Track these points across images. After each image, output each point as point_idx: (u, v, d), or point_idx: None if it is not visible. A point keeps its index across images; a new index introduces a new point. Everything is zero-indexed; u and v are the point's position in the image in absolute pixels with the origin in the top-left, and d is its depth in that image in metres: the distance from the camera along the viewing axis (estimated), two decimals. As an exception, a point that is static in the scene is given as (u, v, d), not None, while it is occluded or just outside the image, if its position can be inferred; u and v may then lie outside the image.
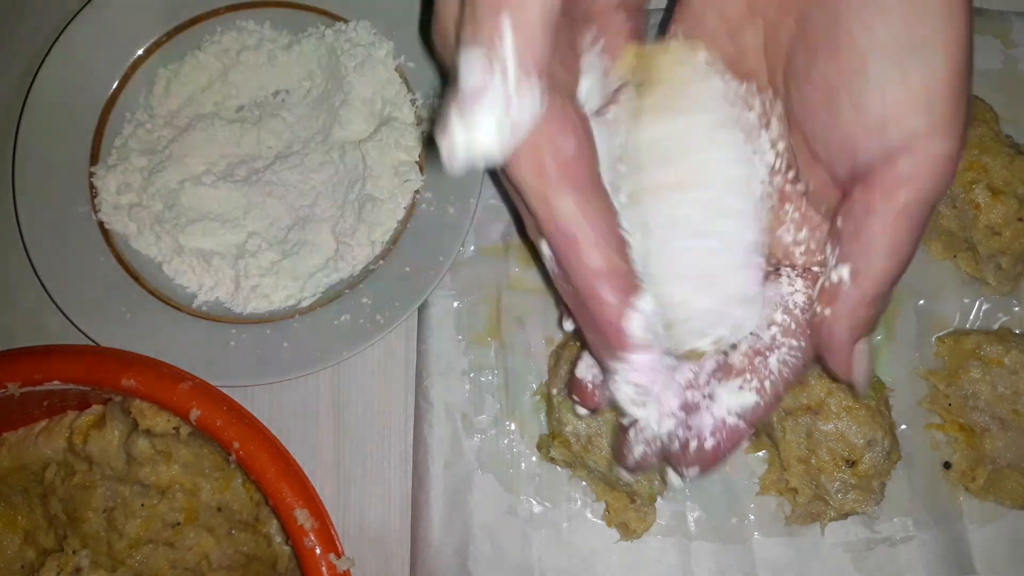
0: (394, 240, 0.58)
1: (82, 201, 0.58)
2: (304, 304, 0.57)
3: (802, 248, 0.42)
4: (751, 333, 0.41)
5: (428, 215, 0.57)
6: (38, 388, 0.50)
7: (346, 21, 0.60)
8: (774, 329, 0.41)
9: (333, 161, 0.59)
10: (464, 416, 0.56)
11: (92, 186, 0.59)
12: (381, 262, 0.57)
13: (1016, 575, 0.54)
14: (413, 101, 0.60)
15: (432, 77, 0.59)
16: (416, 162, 0.59)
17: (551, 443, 0.53)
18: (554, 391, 0.53)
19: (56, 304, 0.56)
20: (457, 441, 0.55)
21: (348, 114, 0.59)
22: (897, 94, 0.35)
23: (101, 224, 0.58)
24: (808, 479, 0.52)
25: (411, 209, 0.58)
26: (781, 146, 0.41)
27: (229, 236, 0.58)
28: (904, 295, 0.57)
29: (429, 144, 0.59)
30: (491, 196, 0.59)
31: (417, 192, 0.58)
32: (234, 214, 0.58)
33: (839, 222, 0.38)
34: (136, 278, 0.57)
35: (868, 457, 0.50)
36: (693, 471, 0.41)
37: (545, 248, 0.37)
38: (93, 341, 0.55)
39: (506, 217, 0.59)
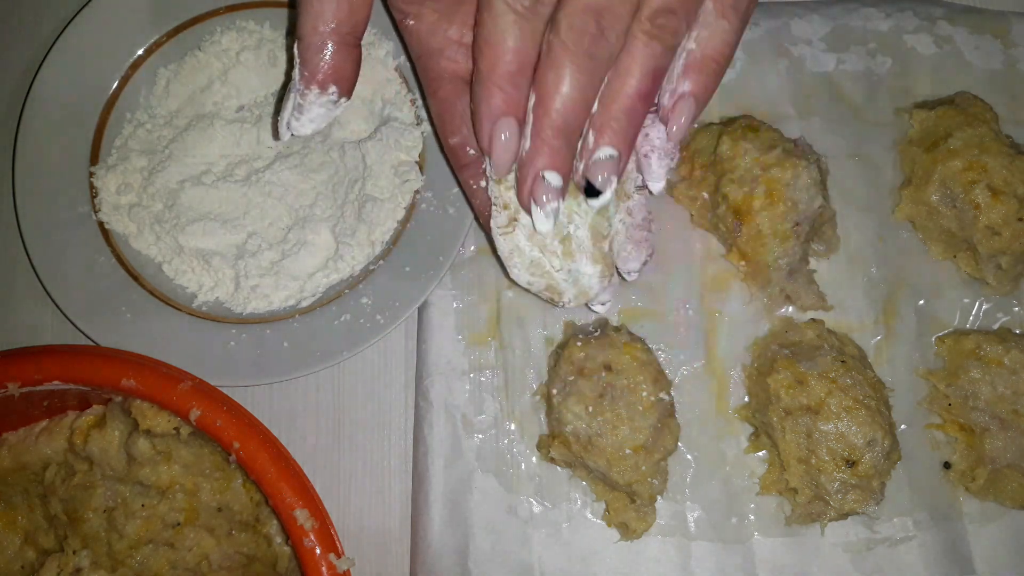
0: (394, 240, 0.58)
1: (82, 201, 0.58)
2: (304, 304, 0.57)
3: None
4: None
5: (428, 215, 0.57)
6: (38, 388, 0.50)
7: None
8: None
9: (333, 161, 0.59)
10: (464, 416, 0.56)
11: (92, 186, 0.59)
12: (381, 262, 0.57)
13: (1016, 575, 0.54)
14: (413, 101, 0.60)
15: None
16: (416, 162, 0.59)
17: (551, 443, 0.53)
18: (554, 391, 0.53)
19: (56, 304, 0.56)
20: (457, 441, 0.55)
21: (348, 114, 0.59)
22: None
23: (101, 224, 0.58)
24: (808, 479, 0.52)
25: (411, 209, 0.58)
26: None
27: (229, 236, 0.58)
28: (904, 295, 0.58)
29: (430, 144, 0.59)
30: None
31: (417, 192, 0.58)
32: (234, 214, 0.58)
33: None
34: (136, 278, 0.57)
35: (868, 457, 0.50)
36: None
37: None
38: (93, 341, 0.55)
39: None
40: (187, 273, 0.58)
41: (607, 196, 0.44)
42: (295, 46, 0.44)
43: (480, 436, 0.56)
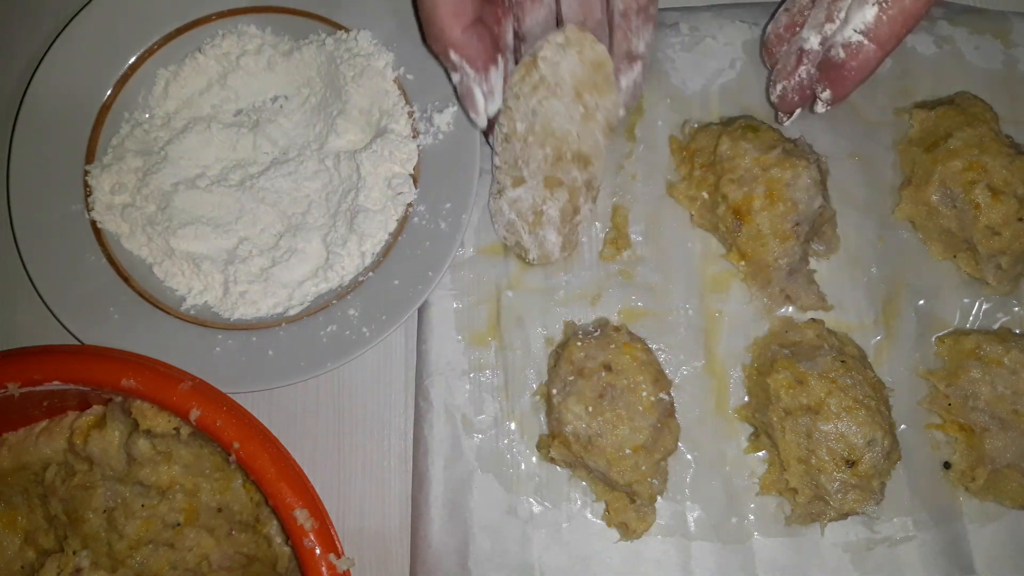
0: (385, 252, 0.57)
1: (76, 199, 0.58)
2: (291, 312, 0.57)
3: None
4: None
5: (420, 228, 0.57)
6: (38, 388, 0.50)
7: (347, 30, 0.60)
8: None
9: (327, 170, 0.59)
10: (464, 416, 0.56)
11: (86, 184, 0.59)
12: (370, 274, 0.57)
13: (1016, 575, 0.53)
14: (410, 113, 0.59)
15: (432, 89, 0.59)
16: (410, 175, 0.58)
17: (551, 443, 0.53)
18: (554, 391, 0.53)
19: (43, 300, 0.56)
20: (457, 441, 0.55)
21: (345, 123, 0.59)
22: None
23: (93, 223, 0.58)
24: (808, 479, 0.52)
25: (403, 222, 0.58)
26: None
27: (220, 241, 0.58)
28: (904, 295, 0.58)
29: (425, 157, 0.59)
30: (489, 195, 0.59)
31: (410, 205, 0.58)
32: (226, 219, 0.58)
33: None
34: (126, 279, 0.57)
35: (868, 457, 0.50)
36: (827, 94, 0.50)
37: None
38: (77, 339, 0.55)
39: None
40: (177, 276, 0.58)
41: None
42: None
43: (480, 436, 0.56)
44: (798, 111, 0.54)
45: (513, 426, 0.56)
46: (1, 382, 0.49)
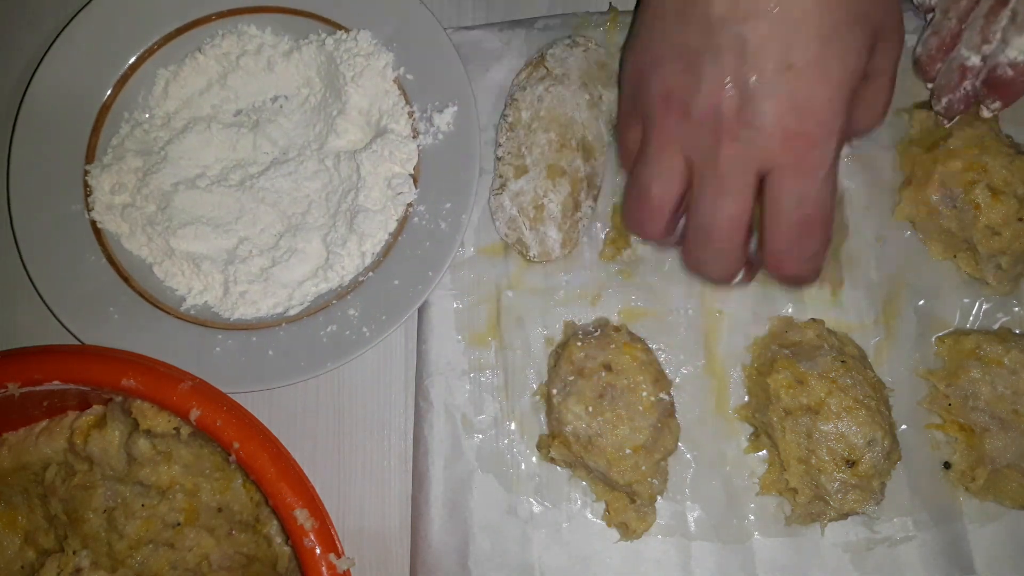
0: (384, 252, 0.57)
1: (76, 199, 0.58)
2: (291, 313, 0.57)
3: None
4: None
5: (420, 229, 0.57)
6: (38, 388, 0.50)
7: (347, 30, 0.60)
8: None
9: (327, 170, 0.59)
10: (464, 416, 0.56)
11: (86, 184, 0.59)
12: (370, 274, 0.57)
13: (1016, 575, 0.53)
14: (411, 113, 0.59)
15: (432, 89, 0.59)
16: (410, 175, 0.58)
17: (551, 443, 0.53)
18: (554, 391, 0.53)
19: (43, 300, 0.56)
20: (457, 441, 0.56)
21: (344, 123, 0.59)
22: None
23: (93, 223, 0.58)
24: (808, 479, 0.52)
25: (403, 222, 0.58)
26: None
27: (220, 241, 0.58)
28: (904, 295, 0.58)
29: (425, 157, 0.59)
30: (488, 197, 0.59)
31: (410, 205, 0.58)
32: (226, 219, 0.58)
33: None
34: (126, 279, 0.57)
35: (868, 457, 0.50)
36: (997, 104, 0.56)
37: None
38: (78, 339, 0.55)
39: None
40: (177, 276, 0.58)
41: None
42: None
43: (480, 436, 0.56)
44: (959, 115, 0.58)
45: (513, 426, 0.56)
46: (1, 382, 0.49)
